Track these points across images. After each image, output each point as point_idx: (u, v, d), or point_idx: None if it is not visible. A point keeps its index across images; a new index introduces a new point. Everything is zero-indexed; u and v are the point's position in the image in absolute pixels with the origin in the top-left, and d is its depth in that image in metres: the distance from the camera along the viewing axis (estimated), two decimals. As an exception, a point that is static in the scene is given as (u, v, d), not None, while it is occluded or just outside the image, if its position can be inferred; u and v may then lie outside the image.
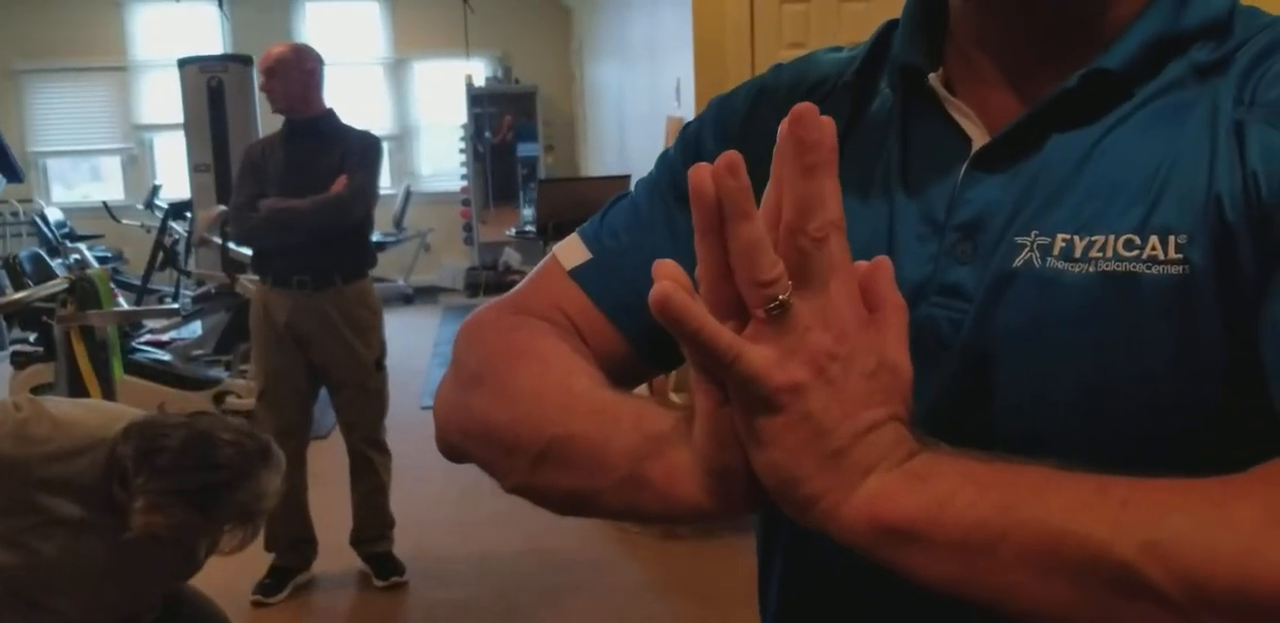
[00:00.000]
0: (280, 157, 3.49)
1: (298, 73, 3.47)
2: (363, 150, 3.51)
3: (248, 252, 4.01)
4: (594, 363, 0.71)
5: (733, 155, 0.49)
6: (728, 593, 3.33)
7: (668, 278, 0.50)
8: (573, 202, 4.97)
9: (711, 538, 3.78)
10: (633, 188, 0.86)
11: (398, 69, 9.53)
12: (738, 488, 0.55)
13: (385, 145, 9.48)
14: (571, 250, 0.81)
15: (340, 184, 3.43)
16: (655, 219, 0.80)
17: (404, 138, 9.64)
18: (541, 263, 0.83)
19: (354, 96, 9.13)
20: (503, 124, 9.12)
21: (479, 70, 9.26)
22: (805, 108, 0.50)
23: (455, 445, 0.74)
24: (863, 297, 0.55)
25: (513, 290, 0.82)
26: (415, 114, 9.65)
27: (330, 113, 3.56)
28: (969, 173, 0.70)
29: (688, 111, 4.31)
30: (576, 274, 0.79)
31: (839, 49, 0.83)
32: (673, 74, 4.74)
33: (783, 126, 0.51)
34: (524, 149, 9.09)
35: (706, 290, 0.52)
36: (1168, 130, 0.64)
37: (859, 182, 0.73)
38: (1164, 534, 0.45)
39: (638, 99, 6.11)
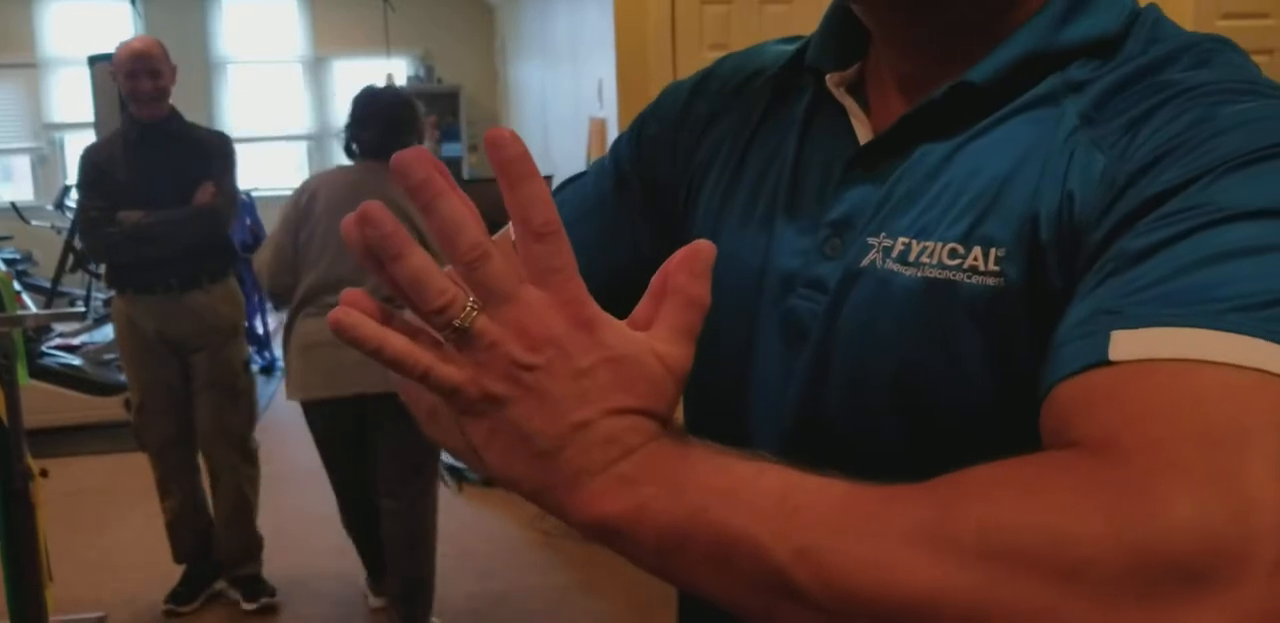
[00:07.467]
0: (131, 163, 3.25)
1: (168, 69, 3.26)
2: (224, 155, 3.35)
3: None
4: None
5: (370, 206, 0.51)
6: (649, 595, 3.32)
7: (348, 305, 0.52)
8: (495, 202, 4.86)
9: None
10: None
11: (317, 68, 9.39)
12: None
13: (304, 145, 9.40)
14: None
15: (208, 193, 3.26)
16: (590, 199, 0.85)
17: (323, 138, 9.50)
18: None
19: (272, 96, 9.01)
20: (426, 124, 9.01)
21: (401, 69, 9.17)
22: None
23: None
24: (661, 283, 0.55)
25: None
26: (335, 114, 9.51)
27: (176, 112, 3.33)
28: (847, 172, 0.72)
29: (610, 112, 4.28)
30: None
31: (792, 40, 0.85)
32: (595, 75, 4.72)
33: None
34: (447, 149, 9.00)
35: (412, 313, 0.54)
36: (1016, 145, 0.65)
37: (759, 172, 0.78)
38: (817, 541, 0.47)
39: (561, 99, 6.08)
